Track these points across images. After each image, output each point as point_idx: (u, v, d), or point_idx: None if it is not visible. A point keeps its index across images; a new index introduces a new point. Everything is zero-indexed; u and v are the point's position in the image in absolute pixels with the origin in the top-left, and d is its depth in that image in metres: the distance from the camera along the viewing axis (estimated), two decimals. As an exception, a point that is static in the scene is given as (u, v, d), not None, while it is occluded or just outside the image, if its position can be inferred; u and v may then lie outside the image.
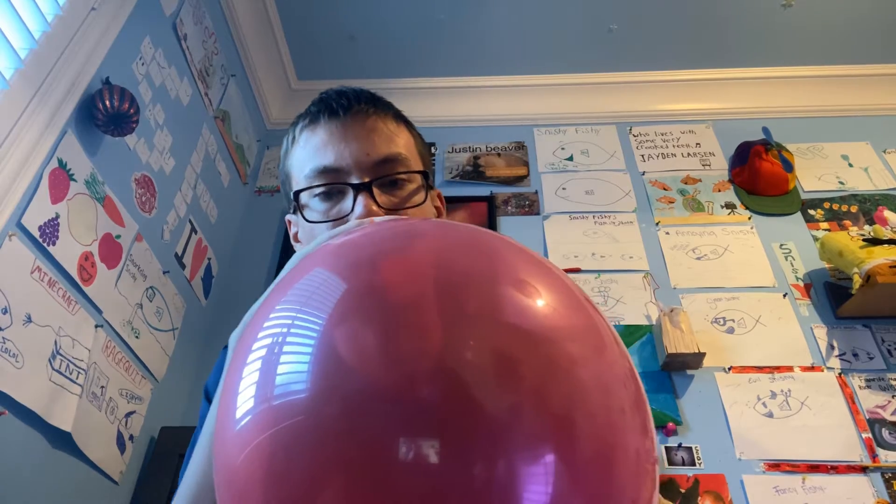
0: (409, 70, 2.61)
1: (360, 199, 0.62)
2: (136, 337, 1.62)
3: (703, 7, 2.39)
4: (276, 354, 0.38)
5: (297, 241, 0.72)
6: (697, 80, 2.60)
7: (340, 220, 0.63)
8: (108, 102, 1.43)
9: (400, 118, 0.71)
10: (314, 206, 0.65)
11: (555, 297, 0.41)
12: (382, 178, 0.64)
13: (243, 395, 0.38)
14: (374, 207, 0.62)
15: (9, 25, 1.25)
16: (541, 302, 0.40)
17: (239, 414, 0.38)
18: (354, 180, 0.63)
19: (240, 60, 2.39)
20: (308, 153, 0.66)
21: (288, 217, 0.73)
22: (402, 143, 0.67)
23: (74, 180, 1.40)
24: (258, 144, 2.57)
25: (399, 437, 0.33)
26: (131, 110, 1.47)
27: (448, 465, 0.33)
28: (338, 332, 0.37)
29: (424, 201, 0.67)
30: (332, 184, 0.64)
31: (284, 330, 0.40)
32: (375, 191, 0.63)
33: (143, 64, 1.70)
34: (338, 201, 0.64)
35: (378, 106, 0.68)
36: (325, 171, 0.64)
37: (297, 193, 0.66)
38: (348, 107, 0.66)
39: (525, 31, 2.47)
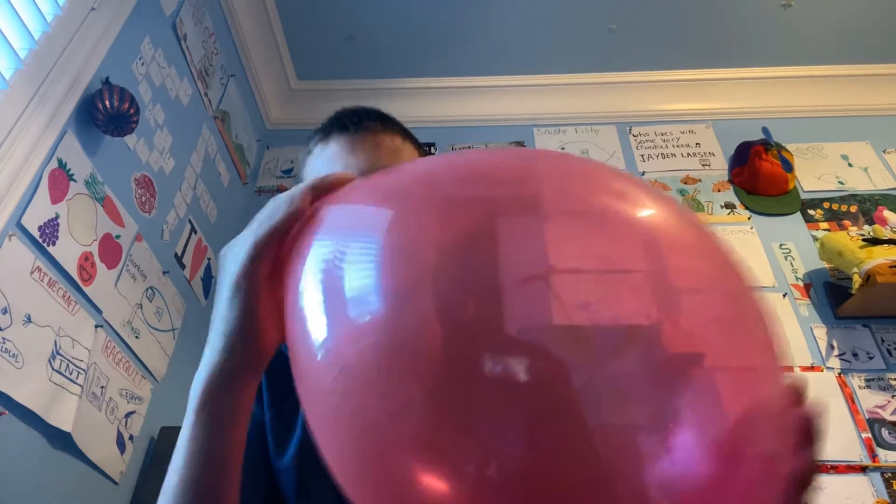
0: (409, 70, 2.61)
1: None
2: (136, 337, 1.62)
3: (702, 7, 2.39)
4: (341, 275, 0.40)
5: None
6: (697, 80, 2.60)
7: None
8: (107, 102, 1.43)
9: (406, 135, 0.75)
10: None
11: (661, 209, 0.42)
12: None
13: (319, 321, 0.39)
14: None
15: (8, 26, 1.25)
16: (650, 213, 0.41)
17: (318, 342, 0.38)
18: None
19: (239, 60, 2.39)
20: (320, 163, 0.71)
21: None
22: (406, 158, 0.72)
23: (74, 180, 1.40)
24: (258, 144, 2.57)
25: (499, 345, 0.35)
26: (131, 110, 1.47)
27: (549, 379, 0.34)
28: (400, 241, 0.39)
29: None
30: None
31: (339, 254, 0.41)
32: None
33: (142, 64, 1.70)
34: None
35: (386, 123, 0.73)
36: None
37: None
38: (358, 123, 0.71)
39: (525, 31, 2.47)
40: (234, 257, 0.47)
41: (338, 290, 0.39)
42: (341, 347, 0.38)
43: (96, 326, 1.44)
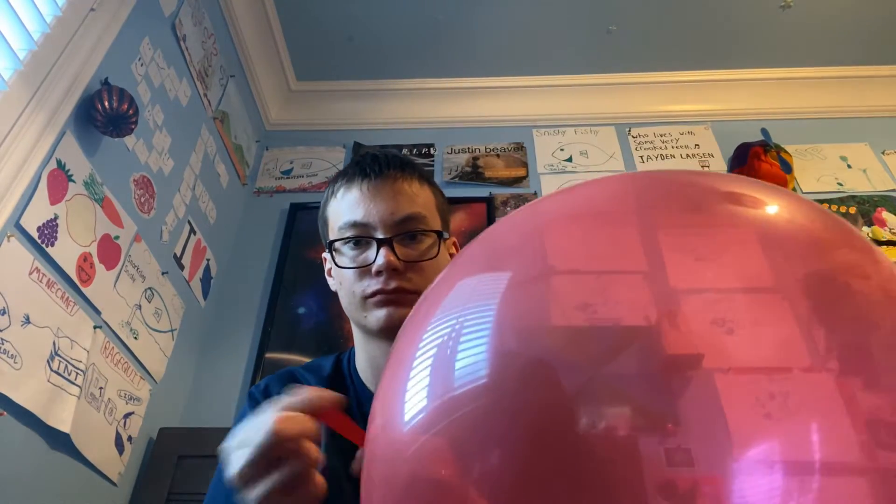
0: (409, 70, 2.61)
1: (382, 251, 0.74)
2: (135, 338, 1.61)
3: (702, 8, 2.39)
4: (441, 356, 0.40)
5: (329, 276, 0.83)
6: (696, 82, 2.60)
7: (365, 267, 0.75)
8: (106, 103, 1.43)
9: (423, 179, 0.82)
10: (345, 251, 0.77)
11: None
12: (402, 234, 0.76)
13: (414, 395, 0.40)
14: (393, 258, 0.73)
15: (8, 26, 1.24)
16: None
17: (409, 414, 0.39)
18: (379, 235, 0.75)
19: (239, 61, 2.39)
20: (343, 207, 0.78)
21: (324, 255, 0.84)
22: (421, 203, 0.79)
23: (73, 181, 1.40)
24: (257, 145, 2.57)
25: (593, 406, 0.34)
26: (130, 111, 1.47)
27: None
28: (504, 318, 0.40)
29: (438, 254, 0.78)
30: (360, 237, 0.76)
31: (443, 332, 0.41)
32: (396, 245, 0.75)
33: (142, 65, 1.70)
34: (364, 250, 0.76)
35: (405, 170, 0.80)
36: (355, 225, 0.76)
37: (332, 242, 0.79)
38: (378, 171, 0.78)
39: (524, 32, 2.48)
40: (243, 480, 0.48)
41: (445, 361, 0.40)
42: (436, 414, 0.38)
43: (95, 327, 1.44)
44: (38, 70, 1.33)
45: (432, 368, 0.40)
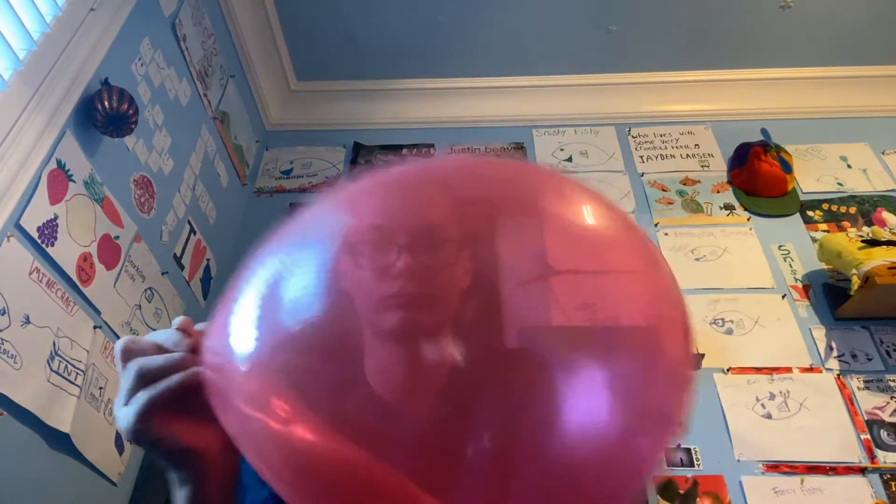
0: (409, 71, 2.61)
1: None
2: (135, 338, 1.61)
3: (701, 8, 2.39)
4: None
5: None
6: (696, 82, 2.60)
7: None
8: (106, 103, 1.43)
9: None
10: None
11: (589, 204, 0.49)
12: None
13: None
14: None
15: (8, 26, 1.24)
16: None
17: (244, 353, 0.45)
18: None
19: (239, 61, 2.39)
20: None
21: None
22: None
23: (73, 181, 1.40)
24: (257, 145, 2.57)
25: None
26: (130, 111, 1.47)
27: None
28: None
29: None
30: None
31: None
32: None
33: (142, 65, 1.70)
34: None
35: None
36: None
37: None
38: None
39: (524, 32, 2.48)
40: (122, 418, 0.48)
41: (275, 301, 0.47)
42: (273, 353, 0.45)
43: (95, 327, 1.44)
44: (38, 70, 1.33)
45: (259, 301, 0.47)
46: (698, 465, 1.70)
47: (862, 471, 1.65)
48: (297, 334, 0.44)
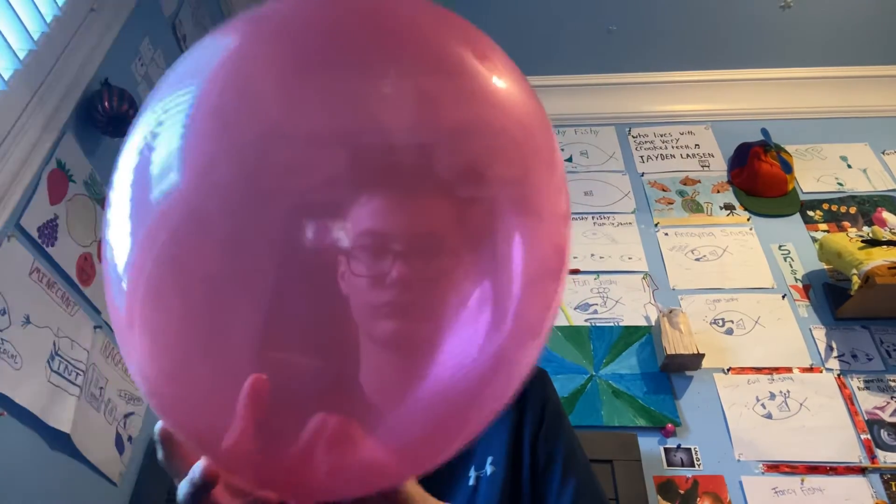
0: (409, 71, 2.61)
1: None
2: (135, 338, 1.61)
3: (701, 8, 2.39)
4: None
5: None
6: (696, 82, 2.60)
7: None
8: (107, 103, 1.43)
9: None
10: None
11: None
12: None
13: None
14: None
15: (8, 26, 1.24)
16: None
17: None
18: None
19: (239, 61, 2.39)
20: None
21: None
22: None
23: (73, 181, 1.40)
24: (257, 145, 2.57)
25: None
26: (130, 111, 1.47)
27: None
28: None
29: None
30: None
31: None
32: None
33: (142, 65, 1.70)
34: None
35: None
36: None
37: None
38: None
39: (523, 32, 2.48)
40: None
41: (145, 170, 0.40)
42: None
43: (95, 327, 1.44)
44: (38, 70, 1.33)
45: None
46: (698, 465, 1.70)
47: (862, 471, 1.65)
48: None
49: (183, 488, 0.42)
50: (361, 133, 0.38)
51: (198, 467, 0.41)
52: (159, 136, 0.39)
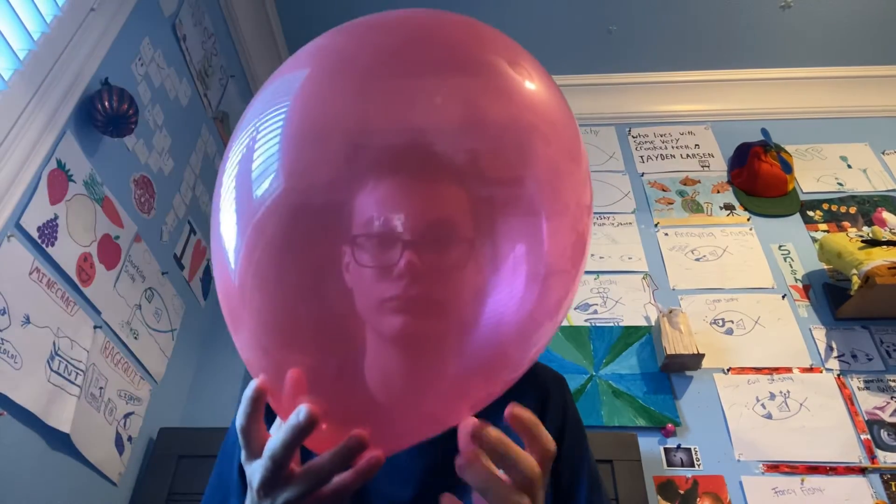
0: (409, 71, 2.60)
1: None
2: (135, 338, 1.61)
3: (702, 8, 2.39)
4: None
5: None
6: (696, 82, 2.60)
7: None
8: (106, 103, 1.43)
9: None
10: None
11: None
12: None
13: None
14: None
15: (8, 26, 1.24)
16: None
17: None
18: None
19: (239, 61, 2.39)
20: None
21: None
22: None
23: (73, 181, 1.40)
24: (257, 145, 2.57)
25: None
26: (130, 111, 1.47)
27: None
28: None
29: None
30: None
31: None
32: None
33: (142, 65, 1.70)
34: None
35: None
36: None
37: (355, 237, 0.85)
38: None
39: (523, 33, 2.47)
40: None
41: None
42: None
43: (95, 327, 1.44)
44: (38, 70, 1.33)
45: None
46: (698, 465, 1.70)
47: (862, 471, 1.65)
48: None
49: (282, 434, 0.46)
50: (422, 133, 0.47)
51: (302, 409, 0.45)
52: (258, 147, 0.48)
